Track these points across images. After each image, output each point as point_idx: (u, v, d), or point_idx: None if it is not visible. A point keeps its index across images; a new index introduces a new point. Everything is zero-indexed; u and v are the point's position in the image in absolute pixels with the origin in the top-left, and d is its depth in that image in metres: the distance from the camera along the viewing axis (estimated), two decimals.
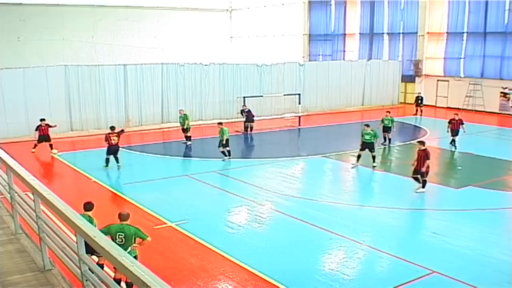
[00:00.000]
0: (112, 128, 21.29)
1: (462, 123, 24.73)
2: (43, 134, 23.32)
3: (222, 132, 22.15)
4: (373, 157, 21.16)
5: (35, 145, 23.49)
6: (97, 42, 49.83)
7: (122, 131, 21.25)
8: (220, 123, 23.04)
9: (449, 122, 25.02)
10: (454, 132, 24.73)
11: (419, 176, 17.73)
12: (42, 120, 23.60)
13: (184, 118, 25.73)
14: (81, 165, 21.65)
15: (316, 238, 13.80)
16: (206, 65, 32.76)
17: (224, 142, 22.11)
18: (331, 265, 12.09)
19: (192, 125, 26.27)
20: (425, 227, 14.76)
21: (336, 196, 17.77)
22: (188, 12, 55.49)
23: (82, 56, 46.02)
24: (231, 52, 57.89)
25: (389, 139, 25.58)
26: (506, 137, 28.47)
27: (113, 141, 20.53)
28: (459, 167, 22.51)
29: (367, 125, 21.63)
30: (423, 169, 17.45)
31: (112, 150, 20.67)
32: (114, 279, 8.84)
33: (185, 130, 25.85)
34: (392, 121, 25.68)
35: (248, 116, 29.52)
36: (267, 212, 15.94)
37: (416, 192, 17.64)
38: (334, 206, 16.53)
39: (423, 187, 17.66)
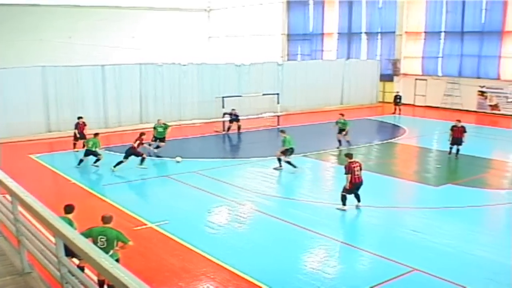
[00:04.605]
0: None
1: (465, 131, 22.55)
2: (81, 132, 23.72)
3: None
4: (289, 163, 20.46)
5: (75, 144, 23.73)
6: (75, 43, 49.30)
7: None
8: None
9: (451, 129, 22.94)
10: (456, 141, 22.64)
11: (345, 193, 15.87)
12: (79, 118, 24.10)
13: (165, 127, 24.21)
14: (60, 167, 21.44)
15: (297, 237, 13.82)
16: (184, 65, 32.62)
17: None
18: (312, 264, 12.11)
19: (171, 125, 25.78)
20: (405, 225, 14.85)
21: (316, 195, 17.79)
22: (166, 12, 55.35)
23: (60, 57, 45.48)
24: (210, 52, 57.79)
25: (348, 141, 24.87)
26: (484, 135, 28.79)
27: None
28: (438, 165, 22.68)
29: (282, 131, 21.41)
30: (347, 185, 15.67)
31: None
32: (98, 281, 8.79)
33: (161, 140, 24.06)
34: (345, 123, 24.85)
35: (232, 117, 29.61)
36: (248, 212, 15.92)
37: (337, 209, 15.86)
38: (314, 205, 16.55)
39: (343, 204, 15.82)
